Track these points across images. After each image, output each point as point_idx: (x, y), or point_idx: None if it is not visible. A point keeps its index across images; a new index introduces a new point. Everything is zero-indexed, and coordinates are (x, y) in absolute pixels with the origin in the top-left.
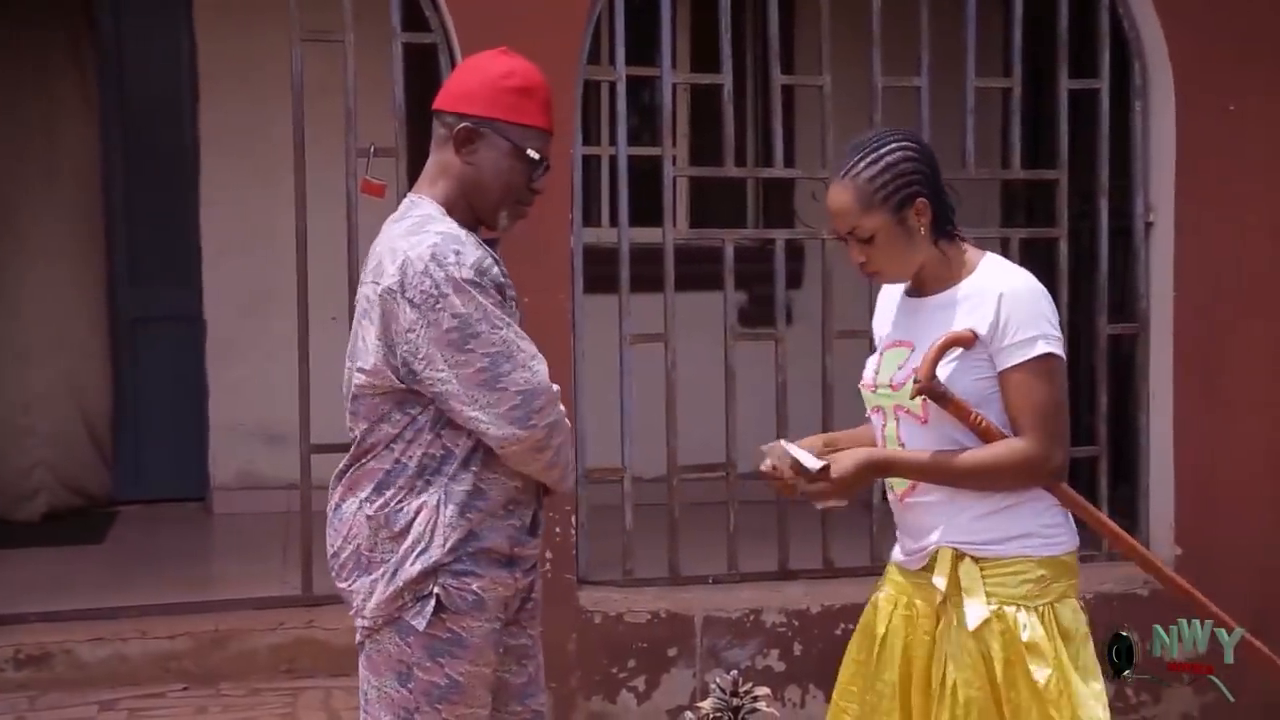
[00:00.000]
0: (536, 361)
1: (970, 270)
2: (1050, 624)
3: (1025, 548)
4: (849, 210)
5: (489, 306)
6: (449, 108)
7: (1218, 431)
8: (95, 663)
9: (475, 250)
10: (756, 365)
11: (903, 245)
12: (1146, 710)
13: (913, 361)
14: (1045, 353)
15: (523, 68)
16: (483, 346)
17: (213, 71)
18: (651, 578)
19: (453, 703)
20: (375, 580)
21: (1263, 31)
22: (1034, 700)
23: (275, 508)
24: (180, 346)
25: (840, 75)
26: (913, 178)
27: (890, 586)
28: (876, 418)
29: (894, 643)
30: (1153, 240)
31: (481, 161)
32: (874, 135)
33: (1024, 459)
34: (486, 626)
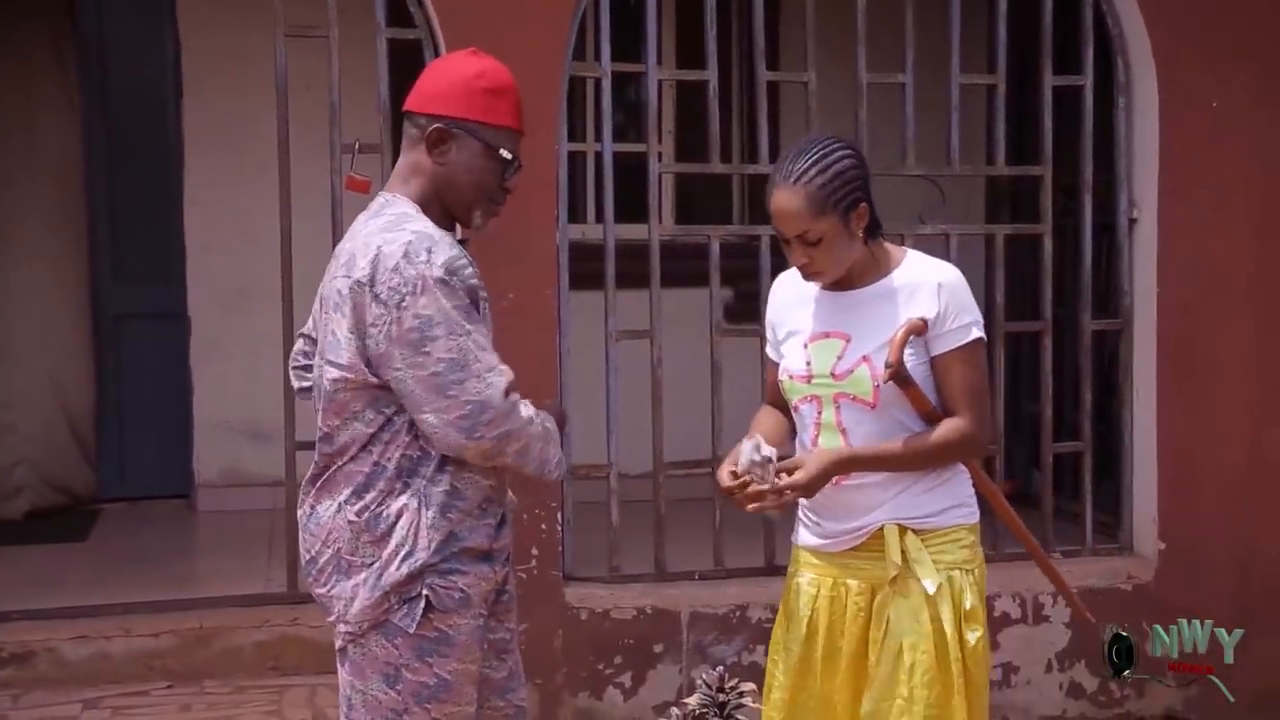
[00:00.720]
0: (494, 374)
1: (895, 264)
2: (980, 586)
3: (958, 517)
4: (800, 214)
5: (452, 310)
6: (420, 109)
7: (1201, 427)
8: (79, 661)
9: (448, 250)
10: (742, 361)
11: (845, 247)
12: (1131, 704)
13: (854, 351)
14: (978, 338)
15: (493, 69)
16: (439, 350)
17: (196, 67)
18: (637, 574)
19: (442, 701)
20: (357, 585)
21: (1245, 28)
22: (970, 658)
23: (260, 505)
24: (164, 343)
25: (825, 72)
26: (856, 184)
27: (810, 571)
28: (808, 406)
29: (822, 626)
30: (1136, 236)
31: (454, 162)
32: (814, 140)
33: (968, 438)
34: (473, 623)
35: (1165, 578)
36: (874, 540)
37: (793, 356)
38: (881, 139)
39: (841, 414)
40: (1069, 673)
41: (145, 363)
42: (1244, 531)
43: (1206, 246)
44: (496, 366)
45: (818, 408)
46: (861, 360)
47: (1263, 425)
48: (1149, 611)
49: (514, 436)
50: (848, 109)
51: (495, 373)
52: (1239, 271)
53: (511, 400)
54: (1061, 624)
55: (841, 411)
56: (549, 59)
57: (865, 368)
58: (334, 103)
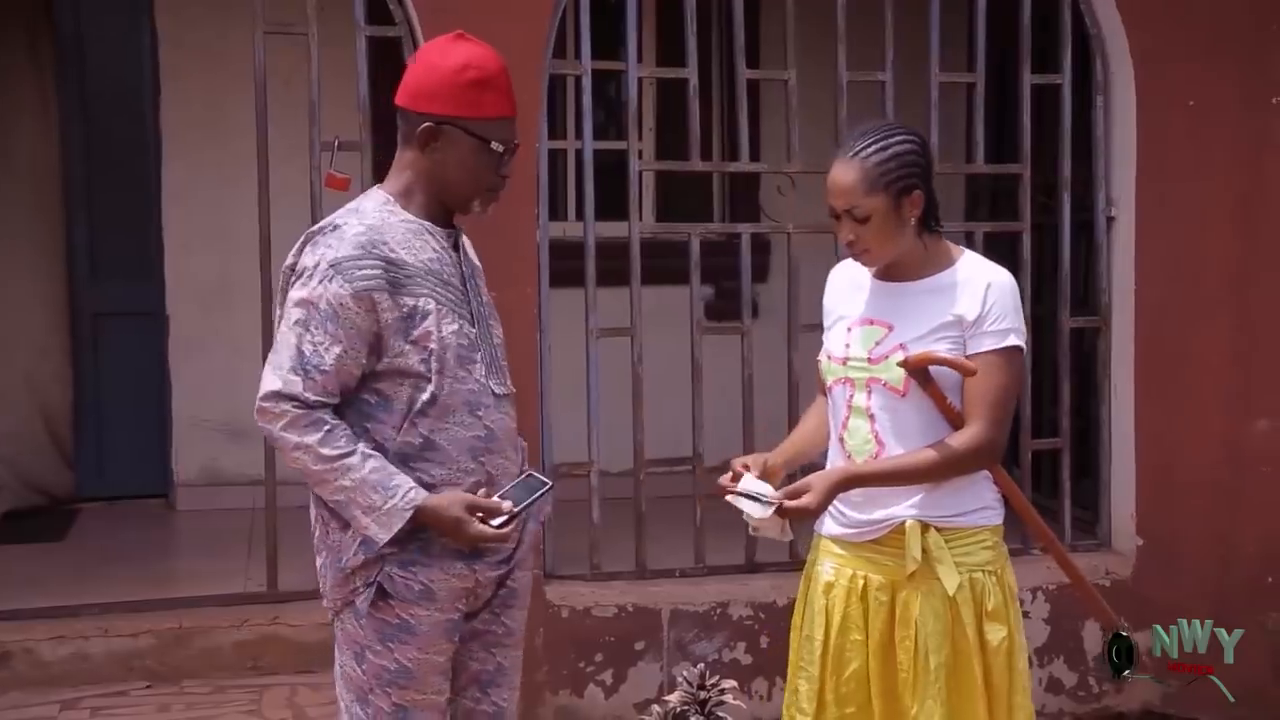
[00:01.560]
0: (278, 372)
1: (952, 262)
2: (1006, 588)
3: (983, 518)
4: (853, 189)
5: (304, 305)
6: (410, 106)
7: (1178, 424)
8: (57, 661)
9: (348, 249)
10: (723, 359)
11: (893, 230)
12: (1109, 699)
13: (893, 339)
14: (1014, 345)
15: (479, 56)
16: (278, 332)
17: (174, 65)
18: (618, 571)
19: (402, 687)
20: (325, 565)
21: (1222, 28)
22: (993, 659)
23: (239, 504)
24: (142, 342)
25: (805, 70)
26: (914, 170)
27: (832, 559)
28: (841, 389)
29: (842, 617)
30: (1114, 234)
31: (447, 159)
32: (885, 124)
33: (979, 447)
34: (437, 616)
35: (1143, 574)
36: (897, 535)
37: (835, 339)
38: None
39: (872, 399)
40: (1048, 668)
41: (123, 361)
42: (1221, 527)
43: (1184, 245)
44: (284, 369)
45: (850, 390)
46: (898, 348)
47: (1240, 422)
48: (1127, 607)
49: (280, 446)
50: (828, 107)
51: (280, 372)
52: (1216, 269)
53: (284, 412)
54: (1041, 620)
55: (872, 396)
56: (529, 56)
57: (900, 355)
58: (313, 101)
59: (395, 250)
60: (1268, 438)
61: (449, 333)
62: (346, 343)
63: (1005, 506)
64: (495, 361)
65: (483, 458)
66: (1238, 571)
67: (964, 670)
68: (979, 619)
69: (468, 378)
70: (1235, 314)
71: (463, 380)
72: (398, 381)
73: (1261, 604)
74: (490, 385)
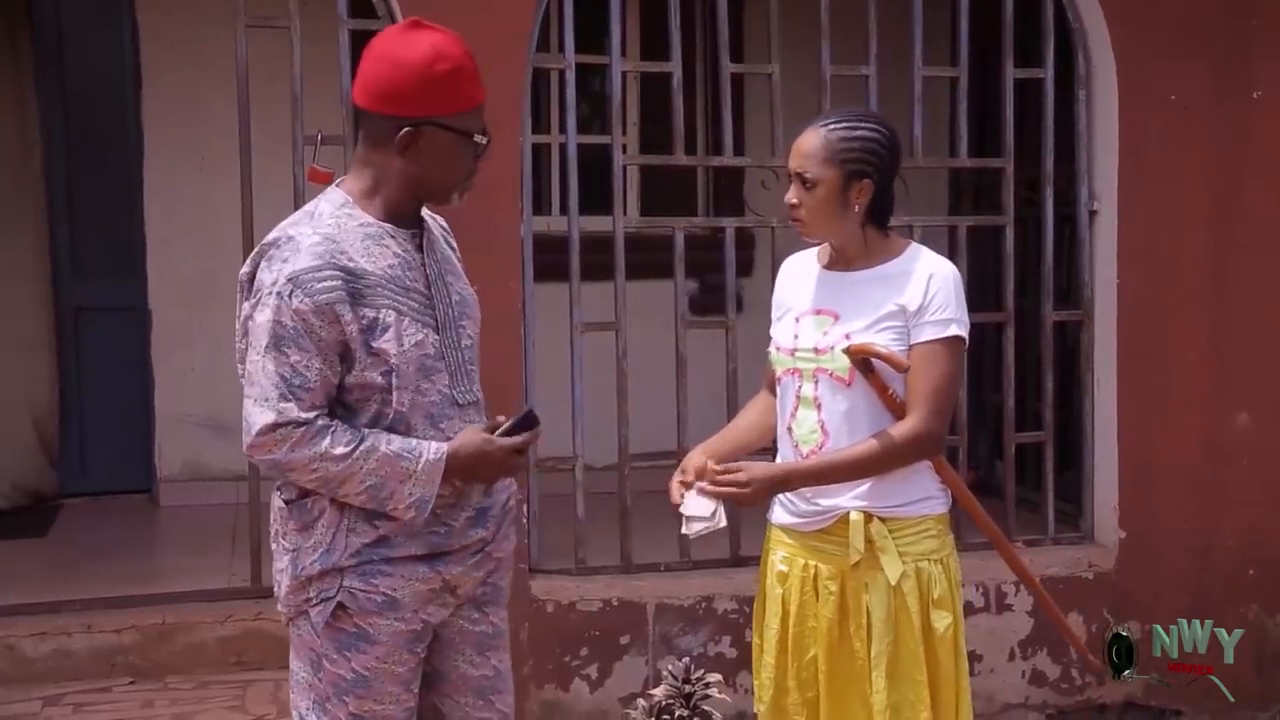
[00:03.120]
0: (266, 405)
1: (897, 253)
2: (951, 576)
3: (926, 508)
4: (809, 154)
5: (271, 325)
6: (380, 109)
7: (1161, 417)
8: (39, 658)
9: (305, 261)
10: (707, 353)
11: (834, 209)
12: (1092, 691)
13: (839, 329)
14: (956, 335)
15: (443, 44)
16: (249, 363)
17: (155, 59)
18: (603, 566)
19: (359, 696)
20: (282, 570)
21: (1202, 22)
22: (940, 645)
23: (223, 499)
24: (124, 337)
25: (789, 64)
26: (872, 159)
27: (784, 549)
28: (790, 379)
29: (794, 605)
30: (1097, 228)
31: (427, 159)
32: (868, 112)
33: (918, 436)
34: (399, 625)
35: (1126, 566)
36: (843, 525)
37: (783, 330)
38: None
39: (819, 389)
40: (1031, 661)
41: (105, 357)
42: (1203, 520)
43: (1165, 238)
44: (271, 400)
45: (798, 381)
46: (844, 338)
47: (1220, 415)
48: (1110, 600)
49: (293, 467)
50: (812, 101)
51: (267, 406)
52: (1197, 262)
53: (285, 436)
54: (1024, 613)
55: (819, 386)
56: (512, 51)
57: (844, 344)
58: (296, 94)
59: (354, 259)
60: (1248, 431)
61: (410, 345)
62: (321, 355)
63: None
64: (461, 368)
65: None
66: (1219, 564)
67: (908, 658)
68: (925, 607)
69: (430, 389)
70: (1214, 308)
71: (424, 392)
72: (365, 394)
73: (1243, 596)
74: (454, 394)
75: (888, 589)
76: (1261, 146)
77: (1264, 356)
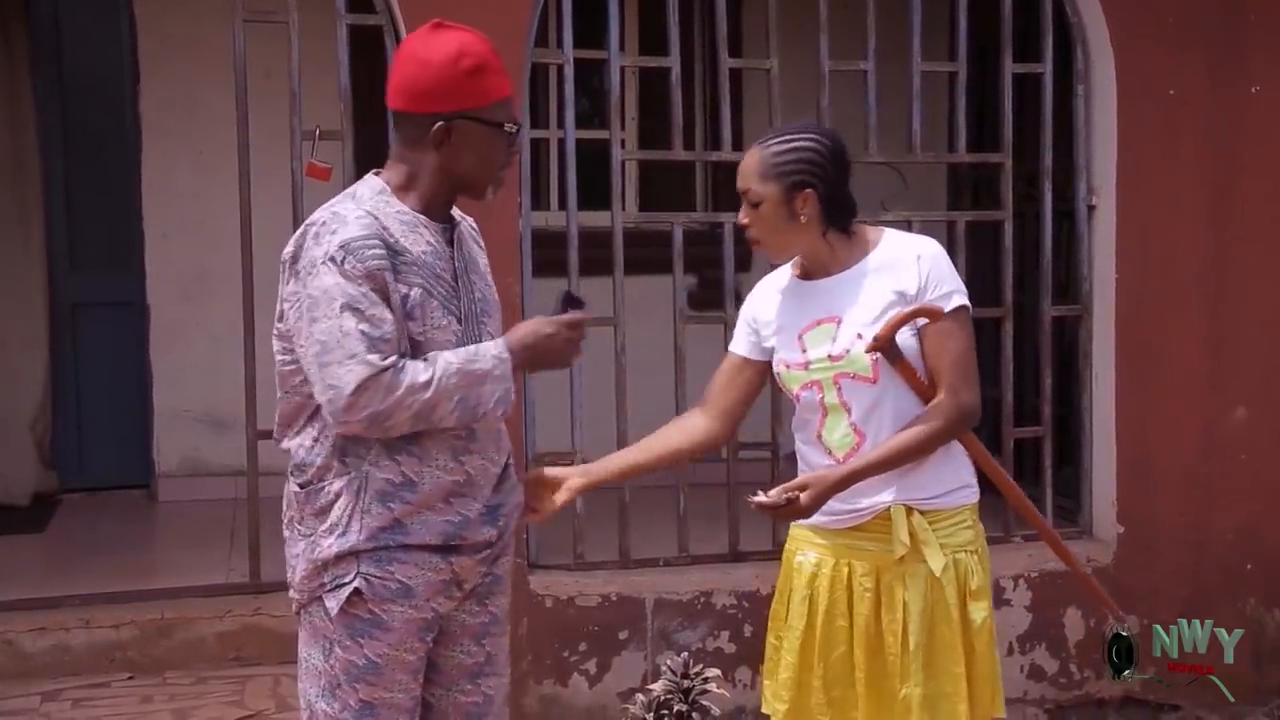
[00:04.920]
0: (354, 361)
1: (872, 246)
2: (985, 565)
3: (963, 498)
4: (748, 173)
5: (335, 291)
6: (412, 109)
7: (1158, 412)
8: (37, 653)
9: (353, 231)
10: (705, 348)
11: (783, 223)
12: (1090, 686)
13: (847, 330)
14: (960, 305)
15: (468, 42)
16: (318, 332)
17: (153, 53)
18: (602, 561)
19: (370, 683)
20: (298, 555)
21: (1201, 17)
22: (976, 638)
23: (221, 495)
24: (122, 332)
25: (788, 59)
26: (811, 169)
27: (811, 549)
28: (809, 393)
29: (822, 605)
30: (1095, 223)
31: (462, 153)
32: (801, 124)
33: (961, 412)
34: (412, 613)
35: (1124, 561)
36: (878, 520)
37: (787, 348)
38: (844, 126)
39: (843, 393)
40: (1030, 655)
41: (103, 352)
42: (1201, 514)
43: (1163, 233)
44: (359, 354)
45: (819, 392)
46: (856, 338)
47: (1218, 410)
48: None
49: (393, 413)
50: (810, 96)
51: (356, 360)
52: (1195, 257)
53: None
54: (1023, 607)
55: (843, 391)
56: (511, 46)
57: (860, 344)
58: (294, 89)
59: (394, 236)
60: (1246, 426)
61: (434, 328)
62: (389, 309)
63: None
64: None
65: (463, 457)
66: (1217, 559)
67: (944, 650)
68: (963, 598)
69: None
70: (1213, 302)
71: None
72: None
73: (1241, 591)
74: None
75: (926, 581)
76: (1259, 141)
77: (1262, 351)
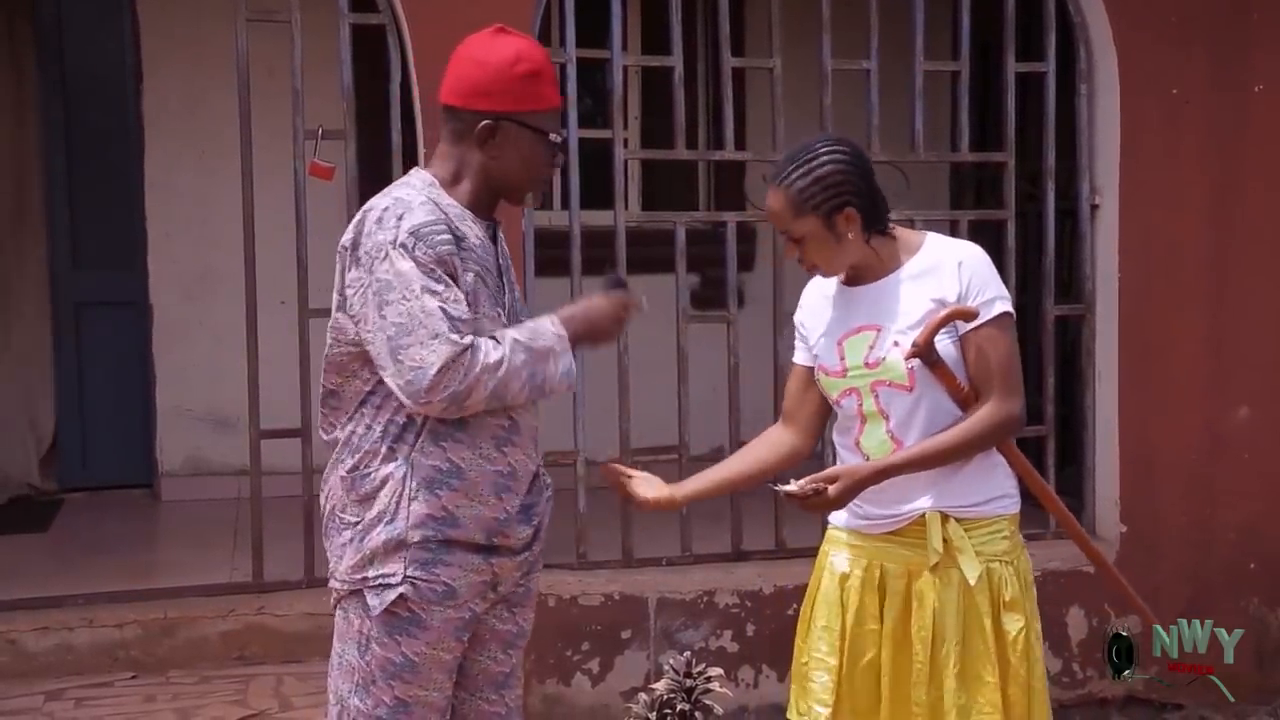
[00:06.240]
0: (437, 341)
1: (915, 250)
2: (1023, 577)
3: (1001, 507)
4: (781, 215)
5: (410, 274)
6: (462, 104)
7: (1162, 411)
8: (41, 652)
9: (421, 216)
10: (708, 347)
11: (832, 246)
12: (1094, 685)
13: (886, 338)
14: (1004, 312)
15: (527, 48)
16: (392, 314)
17: (156, 52)
18: (605, 560)
19: (406, 681)
20: (344, 545)
21: (1204, 16)
22: (1010, 650)
23: (224, 494)
24: (125, 331)
25: (790, 58)
26: (842, 189)
27: (845, 550)
28: (849, 400)
29: (853, 607)
30: (1098, 223)
31: (505, 154)
32: (808, 145)
33: (1004, 420)
34: (452, 614)
35: (1127, 560)
36: (914, 526)
37: (827, 354)
38: (846, 125)
39: (880, 400)
40: None
41: (106, 351)
42: (1203, 514)
43: (1166, 232)
44: (442, 333)
45: (858, 399)
46: (893, 345)
47: (1221, 409)
48: (1111, 594)
49: (471, 391)
50: (813, 95)
51: (440, 339)
52: (1198, 256)
53: (459, 363)
54: None
55: (880, 398)
56: None
57: (897, 352)
58: (296, 89)
59: (454, 223)
60: (1249, 425)
61: (485, 317)
62: (459, 291)
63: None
64: None
65: (505, 448)
66: (1220, 558)
67: (975, 660)
68: (995, 609)
69: None
70: (1215, 301)
71: None
72: None
73: (1243, 590)
74: None
75: (960, 589)
76: (1262, 140)
77: (1265, 350)
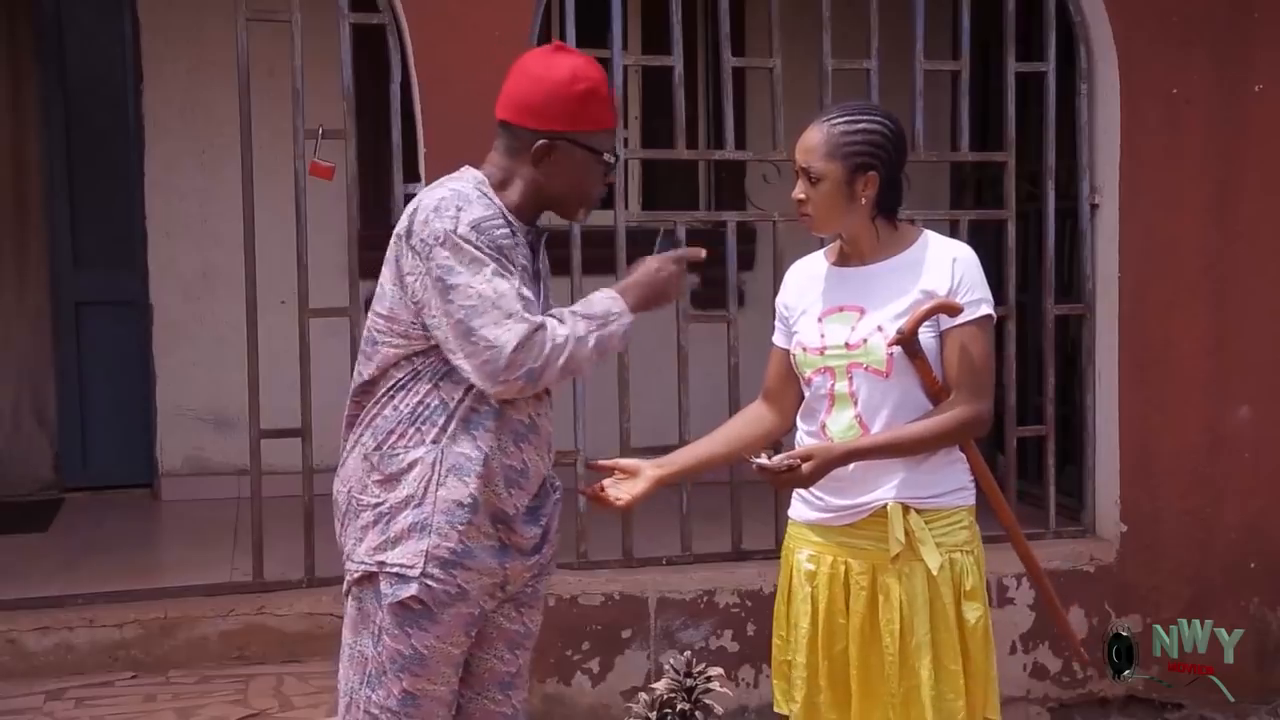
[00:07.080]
0: (512, 320)
1: (911, 242)
2: (981, 567)
3: (960, 499)
4: (813, 149)
5: (475, 258)
6: (519, 121)
7: (1162, 410)
8: (41, 652)
9: (480, 210)
10: (708, 347)
11: (841, 202)
12: (1094, 685)
13: (868, 322)
14: (986, 314)
15: (584, 67)
16: (461, 298)
17: (156, 51)
18: (605, 560)
19: (415, 674)
20: (365, 527)
21: (1204, 15)
22: (970, 638)
23: (225, 494)
24: (126, 331)
25: (790, 58)
26: (876, 151)
27: (808, 547)
28: (821, 378)
29: (822, 602)
30: (1098, 222)
31: (559, 173)
32: (870, 106)
33: (974, 418)
34: (462, 610)
35: (1127, 559)
36: (875, 518)
37: (807, 331)
38: None
39: (854, 384)
40: (1033, 654)
41: (106, 351)
42: (1204, 513)
43: (1166, 232)
44: (516, 312)
45: (830, 380)
46: (876, 330)
47: (1222, 408)
48: (1111, 593)
49: (546, 367)
50: (813, 95)
51: (515, 318)
52: (1198, 256)
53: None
54: (1025, 606)
55: (854, 381)
56: (513, 44)
57: (879, 337)
58: (296, 88)
59: (505, 219)
60: (1249, 424)
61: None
62: (514, 281)
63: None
64: None
65: (522, 444)
66: (1220, 557)
67: (943, 649)
68: (957, 598)
69: None
70: (1216, 301)
71: None
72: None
73: (1244, 590)
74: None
75: (924, 580)
76: (1263, 139)
77: (1265, 349)
